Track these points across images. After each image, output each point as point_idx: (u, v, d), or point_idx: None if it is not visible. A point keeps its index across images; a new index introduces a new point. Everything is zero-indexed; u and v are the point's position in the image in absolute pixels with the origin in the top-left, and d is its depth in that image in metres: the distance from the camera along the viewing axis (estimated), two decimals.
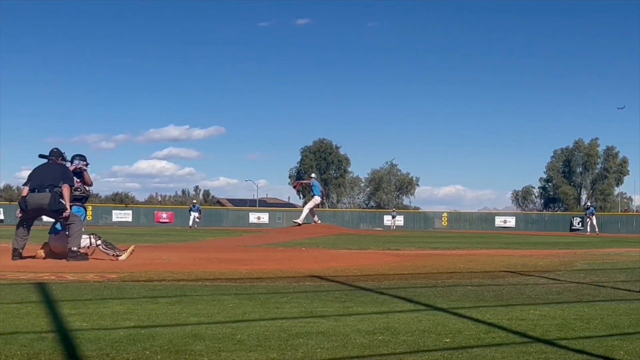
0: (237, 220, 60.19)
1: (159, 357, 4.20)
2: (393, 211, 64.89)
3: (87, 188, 12.29)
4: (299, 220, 32.34)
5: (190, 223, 49.26)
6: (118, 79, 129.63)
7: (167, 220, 56.87)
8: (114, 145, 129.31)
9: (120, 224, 52.60)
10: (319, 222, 33.10)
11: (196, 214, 50.60)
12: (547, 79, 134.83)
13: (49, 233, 11.89)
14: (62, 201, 11.25)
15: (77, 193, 11.90)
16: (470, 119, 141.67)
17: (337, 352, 4.41)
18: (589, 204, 53.15)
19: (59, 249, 11.60)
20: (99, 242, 11.57)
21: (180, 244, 19.28)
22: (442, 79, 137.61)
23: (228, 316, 5.87)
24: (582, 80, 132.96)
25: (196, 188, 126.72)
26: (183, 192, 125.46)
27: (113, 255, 11.51)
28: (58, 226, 11.79)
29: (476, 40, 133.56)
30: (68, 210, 11.30)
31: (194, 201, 63.92)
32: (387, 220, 60.92)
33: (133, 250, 11.73)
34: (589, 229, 49.58)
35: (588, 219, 50.60)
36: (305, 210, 33.27)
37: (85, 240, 11.56)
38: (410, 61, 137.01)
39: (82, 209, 11.99)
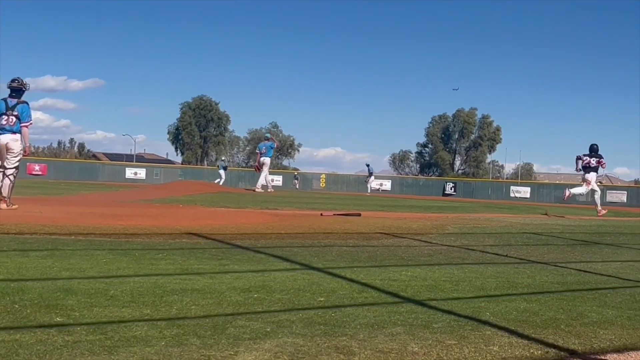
0: (113, 174, 59.03)
1: (28, 310, 4.10)
2: (296, 174, 65.13)
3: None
4: (268, 187, 30.95)
5: (222, 182, 48.11)
6: None
7: (39, 173, 55.16)
8: None
9: None
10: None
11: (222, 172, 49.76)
12: (429, 43, 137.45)
13: None
14: None
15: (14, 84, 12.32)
16: (351, 81, 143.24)
17: (212, 309, 4.41)
18: (367, 162, 53.64)
19: None
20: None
21: (53, 197, 18.76)
22: (324, 39, 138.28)
23: (101, 271, 5.78)
24: (460, 46, 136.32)
25: (71, 140, 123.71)
26: (58, 143, 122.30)
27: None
28: None
29: (357, 3, 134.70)
30: None
31: (223, 158, 63.05)
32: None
33: None
34: (369, 190, 50.50)
35: (367, 181, 51.68)
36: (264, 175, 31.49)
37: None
38: (293, 19, 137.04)
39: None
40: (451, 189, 62.19)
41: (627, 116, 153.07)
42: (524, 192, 59.98)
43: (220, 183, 47.56)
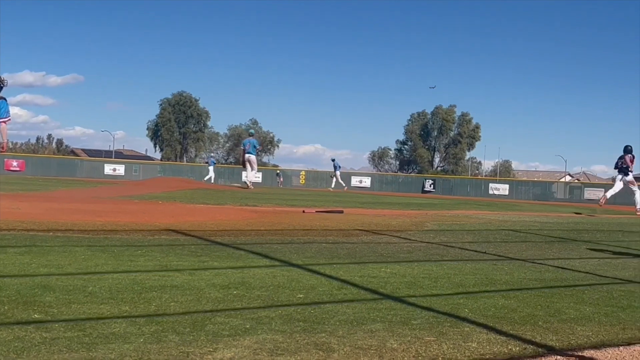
0: (91, 171, 58.79)
1: (6, 307, 4.07)
2: (278, 172, 65.03)
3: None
4: (247, 184, 31.07)
5: (207, 178, 47.62)
6: None
7: (17, 169, 54.87)
8: None
9: None
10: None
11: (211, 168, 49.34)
12: (409, 40, 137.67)
13: None
14: None
15: None
16: (331, 78, 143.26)
17: (191, 306, 4.39)
18: (333, 157, 52.93)
19: None
20: None
21: (31, 193, 18.63)
22: (304, 36, 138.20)
23: (79, 268, 5.74)
24: (441, 43, 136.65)
25: (49, 136, 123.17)
26: (37, 139, 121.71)
27: None
28: None
29: (339, 2, 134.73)
30: None
31: (212, 154, 62.54)
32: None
33: None
34: (333, 185, 50.22)
35: (333, 176, 51.42)
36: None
37: None
38: (273, 16, 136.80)
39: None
40: (430, 186, 62.42)
41: (605, 114, 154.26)
42: (503, 189, 60.31)
43: (211, 179, 47.30)
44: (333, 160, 53.16)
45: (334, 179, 51.18)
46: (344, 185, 50.47)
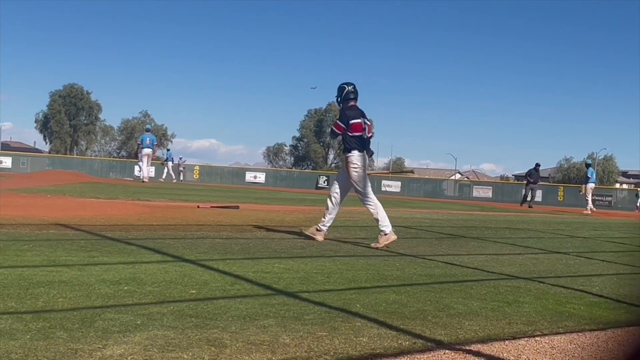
0: None
1: None
2: (180, 159, 63.67)
3: None
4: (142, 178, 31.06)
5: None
6: None
7: None
8: None
9: None
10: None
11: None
12: (304, 40, 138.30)
13: None
14: None
15: None
16: (227, 73, 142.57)
17: (80, 302, 4.31)
18: (169, 148, 52.76)
19: None
20: None
21: None
22: (198, 29, 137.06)
23: None
24: (337, 42, 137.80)
25: None
26: None
27: None
28: None
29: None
30: None
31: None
32: (138, 170, 59.91)
33: None
34: (175, 177, 50.42)
35: (166, 167, 51.43)
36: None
37: None
38: (164, 6, 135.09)
39: None
40: (324, 183, 62.81)
41: (493, 113, 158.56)
42: (395, 186, 61.27)
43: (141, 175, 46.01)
44: (168, 149, 52.68)
45: (165, 169, 50.45)
46: (173, 177, 50.07)
